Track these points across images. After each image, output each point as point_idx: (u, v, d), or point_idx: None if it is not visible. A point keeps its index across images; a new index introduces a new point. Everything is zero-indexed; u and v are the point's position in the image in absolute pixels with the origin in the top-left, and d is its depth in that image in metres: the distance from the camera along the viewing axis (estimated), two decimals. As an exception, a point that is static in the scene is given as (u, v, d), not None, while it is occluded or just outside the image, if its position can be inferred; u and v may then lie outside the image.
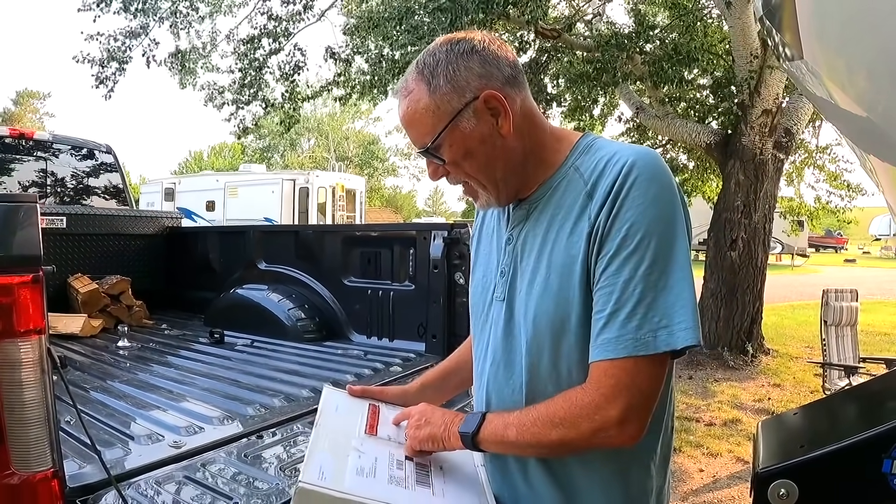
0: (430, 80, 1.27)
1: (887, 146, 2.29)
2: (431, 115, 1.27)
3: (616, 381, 1.14)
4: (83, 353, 3.70)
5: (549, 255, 1.26)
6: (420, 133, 1.30)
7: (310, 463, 1.24)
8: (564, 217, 1.26)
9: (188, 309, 5.04)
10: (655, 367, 1.16)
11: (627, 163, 1.19)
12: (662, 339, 1.12)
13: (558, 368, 1.25)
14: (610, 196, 1.18)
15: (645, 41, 8.97)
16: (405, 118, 1.31)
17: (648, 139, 11.18)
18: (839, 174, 11.39)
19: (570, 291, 1.22)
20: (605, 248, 1.17)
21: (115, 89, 11.19)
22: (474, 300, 1.51)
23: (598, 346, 1.16)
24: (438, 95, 1.26)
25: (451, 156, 1.29)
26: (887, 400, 2.49)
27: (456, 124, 1.26)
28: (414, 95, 1.28)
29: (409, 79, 1.30)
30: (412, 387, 1.72)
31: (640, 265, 1.14)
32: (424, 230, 3.65)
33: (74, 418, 2.02)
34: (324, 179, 20.64)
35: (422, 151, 1.31)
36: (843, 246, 46.72)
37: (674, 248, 1.16)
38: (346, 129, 47.03)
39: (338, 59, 10.19)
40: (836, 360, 6.01)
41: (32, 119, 41.05)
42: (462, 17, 7.54)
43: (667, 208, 1.18)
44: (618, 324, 1.14)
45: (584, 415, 1.15)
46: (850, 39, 1.92)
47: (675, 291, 1.14)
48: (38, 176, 5.54)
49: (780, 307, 14.32)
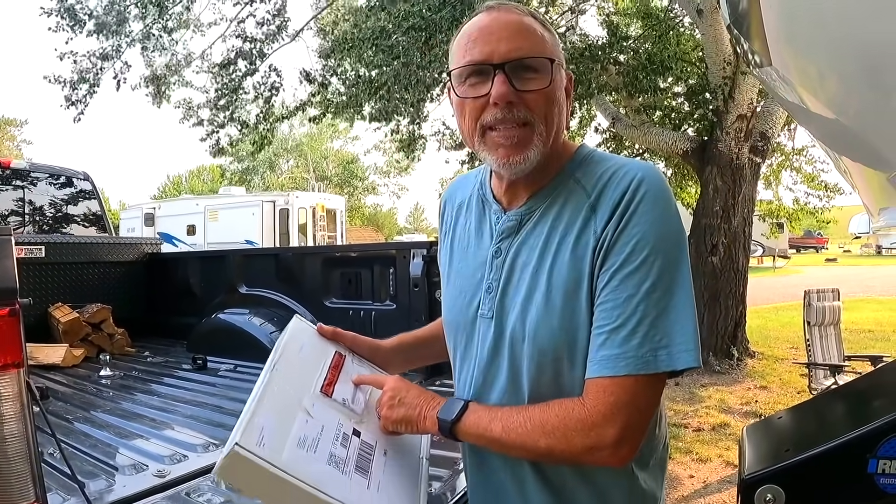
0: (542, 22, 1.23)
1: (860, 148, 2.31)
2: (551, 43, 1.22)
3: (616, 399, 1.10)
4: (65, 384, 3.66)
5: (549, 269, 1.20)
6: (534, 44, 1.19)
7: (252, 422, 1.12)
8: (566, 230, 1.20)
9: (170, 335, 4.99)
10: (654, 387, 1.13)
11: (636, 178, 1.16)
12: (663, 359, 1.09)
13: (560, 386, 1.19)
14: (617, 210, 1.15)
15: (619, 52, 9.06)
16: (518, 23, 1.20)
17: (625, 148, 11.26)
18: (816, 175, 11.51)
19: (576, 309, 1.16)
20: (609, 263, 1.14)
21: (85, 112, 11.16)
22: (451, 317, 1.41)
23: (598, 363, 1.12)
24: (549, 35, 1.23)
25: (553, 86, 1.20)
26: (871, 399, 2.51)
27: (559, 68, 1.23)
28: (529, 20, 1.21)
29: (512, 5, 1.23)
30: (386, 345, 1.60)
31: (644, 283, 1.11)
32: (404, 249, 3.65)
33: (57, 450, 1.99)
34: (304, 200, 20.58)
35: (533, 58, 1.18)
36: (823, 246, 47.20)
37: (678, 268, 1.13)
38: (324, 149, 46.99)
39: (313, 81, 10.21)
40: (820, 360, 6.06)
41: (10, 146, 40.67)
42: (436, 35, 7.59)
43: (673, 227, 1.15)
44: (619, 341, 1.10)
45: (579, 430, 1.11)
46: (818, 43, 1.94)
47: (678, 312, 1.11)
48: (16, 205, 5.49)
49: (763, 309, 14.42)
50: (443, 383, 3.33)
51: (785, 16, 1.92)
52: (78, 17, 10.86)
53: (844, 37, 1.82)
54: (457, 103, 1.27)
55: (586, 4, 10.80)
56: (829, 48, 1.87)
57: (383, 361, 1.54)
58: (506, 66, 1.17)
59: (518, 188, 1.30)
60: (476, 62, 1.19)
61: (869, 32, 1.73)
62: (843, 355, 6.26)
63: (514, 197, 1.31)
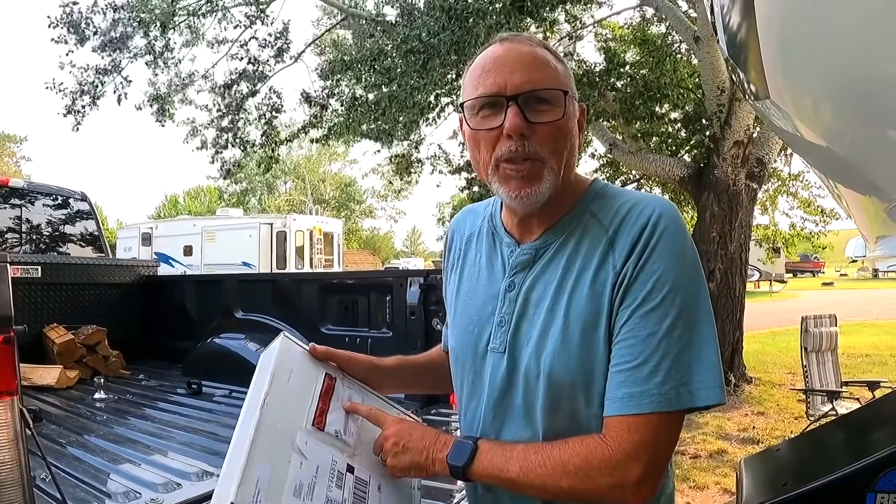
0: (556, 56, 1.23)
1: (856, 177, 2.32)
2: (563, 74, 1.22)
3: (640, 437, 1.08)
4: (59, 406, 3.65)
5: (566, 304, 1.17)
6: (546, 76, 1.18)
7: (247, 475, 1.07)
8: (583, 265, 1.18)
9: (166, 358, 4.97)
10: (675, 424, 1.11)
11: (655, 213, 1.16)
12: (685, 396, 1.08)
13: (577, 423, 1.17)
14: (637, 245, 1.14)
15: (616, 78, 9.12)
16: (532, 55, 1.19)
17: (622, 175, 11.31)
18: (812, 200, 11.58)
19: (594, 345, 1.14)
20: (629, 300, 1.12)
21: (82, 121, 11.21)
22: (459, 350, 1.36)
23: (620, 401, 1.10)
24: (564, 69, 1.23)
25: (566, 118, 1.19)
26: (869, 432, 2.50)
27: (572, 100, 1.22)
28: (542, 52, 1.21)
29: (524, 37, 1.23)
30: (383, 365, 1.52)
31: (665, 319, 1.09)
32: (401, 277, 3.65)
33: (49, 476, 1.97)
34: (301, 223, 20.58)
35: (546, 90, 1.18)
36: (820, 270, 47.29)
37: (699, 304, 1.12)
38: (322, 172, 47.14)
39: (313, 102, 10.26)
40: (818, 386, 6.04)
41: (9, 163, 40.72)
42: (434, 59, 7.64)
43: (691, 262, 1.16)
44: (642, 378, 1.08)
45: (603, 469, 1.08)
46: (813, 74, 1.95)
47: (699, 348, 1.10)
48: (13, 223, 5.49)
49: (760, 334, 14.41)
50: (438, 412, 3.32)
51: (782, 48, 1.93)
52: (82, 31, 10.95)
53: (841, 67, 1.83)
54: (469, 135, 1.25)
55: (584, 31, 10.89)
56: (825, 80, 1.89)
57: (377, 382, 1.48)
58: (519, 97, 1.16)
59: (531, 222, 1.28)
60: (489, 94, 1.18)
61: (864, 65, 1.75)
62: (841, 381, 6.25)
63: (526, 230, 1.30)
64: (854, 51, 1.76)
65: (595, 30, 11.04)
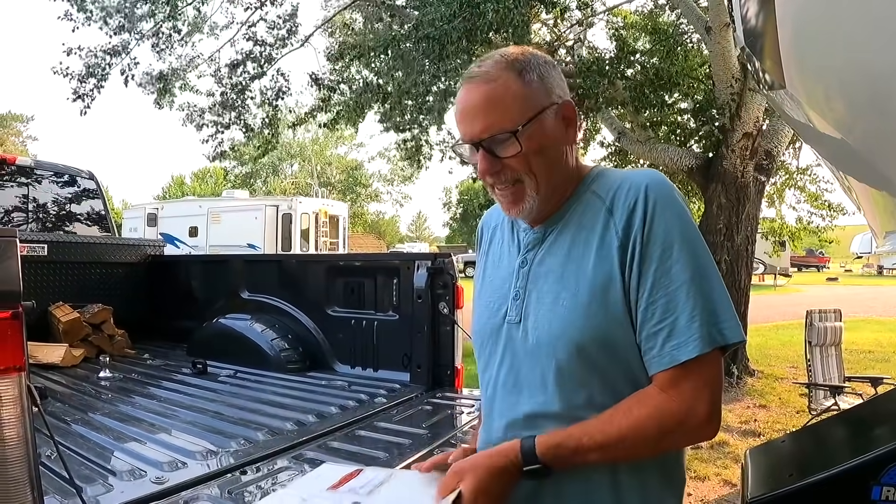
0: (523, 73, 1.29)
1: (865, 168, 2.31)
2: (522, 103, 1.28)
3: (698, 379, 1.18)
4: (64, 384, 3.66)
5: (575, 271, 1.28)
6: (505, 117, 1.27)
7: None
8: (588, 235, 1.29)
9: (171, 338, 4.98)
10: (720, 362, 1.21)
11: (645, 184, 1.26)
12: (717, 336, 1.18)
13: (590, 384, 1.25)
14: (636, 214, 1.24)
15: (626, 66, 9.06)
16: (487, 101, 1.28)
17: (630, 164, 11.26)
18: (819, 194, 11.50)
19: (608, 305, 1.23)
20: (648, 263, 1.22)
21: (91, 105, 11.17)
22: (479, 325, 1.47)
23: (669, 353, 1.19)
24: (532, 88, 1.29)
25: (528, 146, 1.28)
26: (874, 426, 2.49)
27: (542, 118, 1.29)
28: (503, 82, 1.28)
29: (489, 68, 1.30)
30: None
31: (685, 272, 1.20)
32: (408, 260, 3.64)
33: (55, 452, 1.98)
34: (307, 205, 20.55)
35: (499, 135, 1.28)
36: (825, 265, 47.17)
37: (705, 256, 1.24)
38: (329, 155, 47.03)
39: (322, 85, 10.21)
40: (821, 380, 6.03)
41: (15, 142, 40.75)
42: (448, 46, 7.59)
43: (688, 221, 1.25)
44: (682, 328, 1.18)
45: (678, 423, 1.19)
46: (828, 66, 1.94)
47: (718, 293, 1.21)
48: (20, 202, 5.49)
49: (763, 328, 14.37)
50: (444, 395, 3.33)
51: (800, 38, 1.92)
52: (88, 9, 10.90)
53: (855, 59, 1.82)
54: None
55: (595, 18, 10.82)
56: (841, 72, 1.87)
57: None
58: (482, 142, 1.29)
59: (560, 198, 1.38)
60: (464, 141, 1.33)
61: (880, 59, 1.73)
62: (844, 376, 6.24)
63: (538, 215, 1.38)
64: (871, 44, 1.75)
65: (606, 17, 10.96)
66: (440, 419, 2.97)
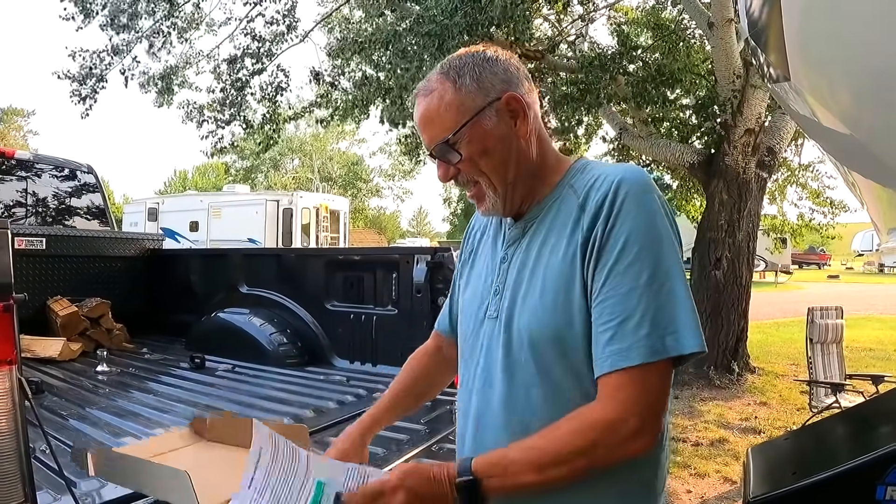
0: (456, 79, 1.31)
1: (870, 163, 2.29)
2: (455, 111, 1.30)
3: (633, 389, 1.13)
4: (61, 378, 3.64)
5: (544, 268, 1.27)
6: (441, 128, 1.31)
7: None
8: (560, 231, 1.28)
9: (169, 332, 4.97)
10: (665, 373, 1.16)
11: (618, 178, 1.22)
12: (671, 344, 1.13)
13: (557, 382, 1.22)
14: (603, 209, 1.20)
15: (628, 62, 9.03)
16: (426, 114, 1.33)
17: (632, 159, 11.23)
18: (821, 191, 11.49)
19: (570, 303, 1.21)
20: (603, 260, 1.18)
21: (92, 107, 11.18)
22: (464, 320, 1.47)
23: (609, 357, 1.14)
24: (464, 93, 1.30)
25: (469, 151, 1.30)
26: (878, 425, 2.47)
27: (478, 120, 1.30)
28: (437, 93, 1.31)
29: (431, 80, 1.34)
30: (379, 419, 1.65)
31: (641, 275, 1.15)
32: (407, 254, 3.62)
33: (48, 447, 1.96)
34: (308, 200, 20.55)
35: (439, 145, 1.32)
36: (826, 262, 47.21)
37: (669, 258, 1.18)
38: (330, 150, 47.02)
39: (322, 80, 10.18)
40: (822, 378, 6.02)
41: (16, 137, 40.73)
42: (449, 41, 7.56)
43: (658, 220, 1.20)
44: (628, 333, 1.13)
45: (606, 433, 1.13)
46: (834, 58, 1.92)
47: (677, 299, 1.15)
48: (19, 195, 5.46)
49: (764, 324, 14.36)
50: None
51: (803, 29, 1.89)
52: (89, 7, 10.86)
53: (861, 52, 1.80)
54: None
55: (597, 13, 10.78)
56: (847, 65, 1.85)
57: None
58: (433, 153, 1.34)
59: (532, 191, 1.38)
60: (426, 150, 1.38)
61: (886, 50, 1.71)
62: (845, 374, 6.22)
63: (516, 211, 1.40)
64: (878, 38, 1.72)
65: (608, 13, 10.93)
66: (438, 415, 2.95)
